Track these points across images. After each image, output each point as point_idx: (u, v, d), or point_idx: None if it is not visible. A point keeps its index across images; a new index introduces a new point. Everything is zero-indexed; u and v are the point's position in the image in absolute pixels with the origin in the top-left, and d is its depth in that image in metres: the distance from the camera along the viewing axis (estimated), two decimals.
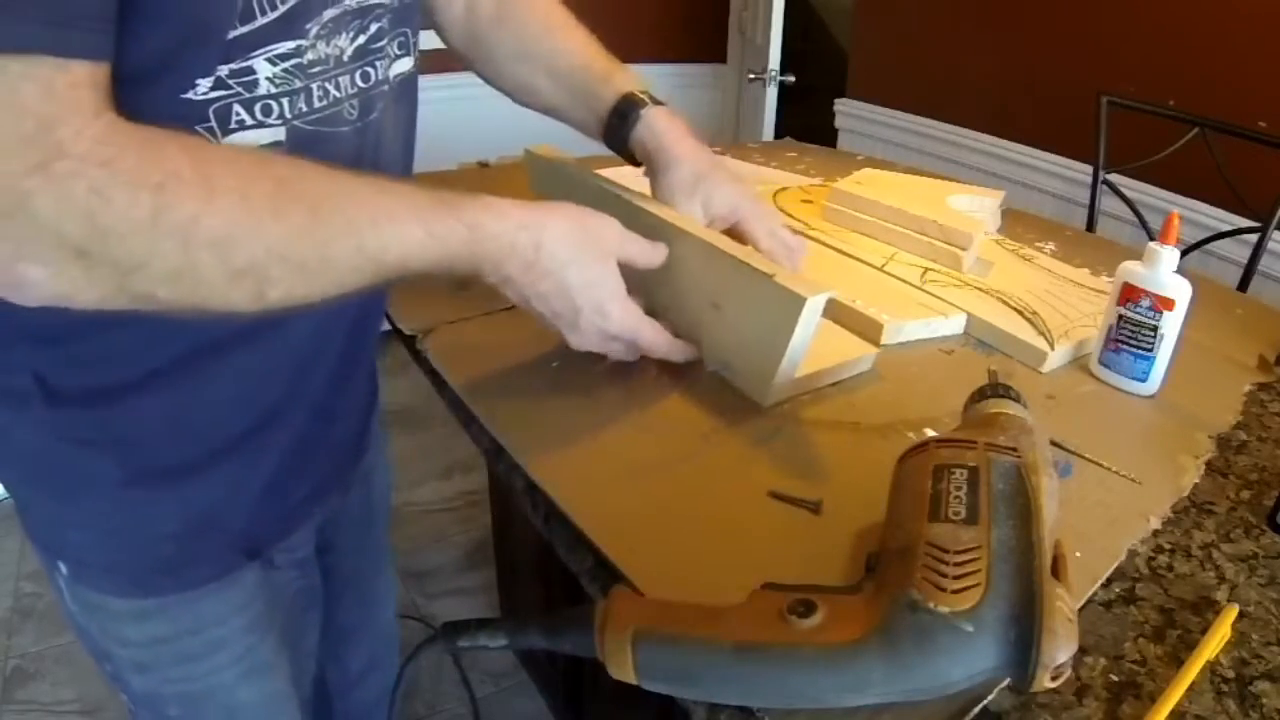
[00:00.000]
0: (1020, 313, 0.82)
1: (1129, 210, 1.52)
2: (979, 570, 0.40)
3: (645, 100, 0.74)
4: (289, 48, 0.51)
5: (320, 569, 0.82)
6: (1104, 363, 0.74)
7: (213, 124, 0.48)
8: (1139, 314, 0.70)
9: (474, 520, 2.05)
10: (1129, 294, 0.70)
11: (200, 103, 0.48)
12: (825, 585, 0.44)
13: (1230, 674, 0.45)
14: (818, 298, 0.59)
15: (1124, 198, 1.53)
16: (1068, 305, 0.84)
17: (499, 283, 0.58)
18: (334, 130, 0.55)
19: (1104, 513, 0.57)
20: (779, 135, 2.40)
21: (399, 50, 0.63)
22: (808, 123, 2.34)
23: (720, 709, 0.42)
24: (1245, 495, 0.61)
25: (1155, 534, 0.56)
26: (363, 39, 0.57)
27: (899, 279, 0.89)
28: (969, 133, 2.15)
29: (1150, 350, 0.70)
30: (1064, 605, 0.39)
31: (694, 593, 0.46)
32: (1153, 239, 0.70)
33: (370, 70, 0.59)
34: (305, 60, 0.52)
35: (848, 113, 2.52)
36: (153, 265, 0.42)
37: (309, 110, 0.54)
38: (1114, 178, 1.56)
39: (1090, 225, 1.59)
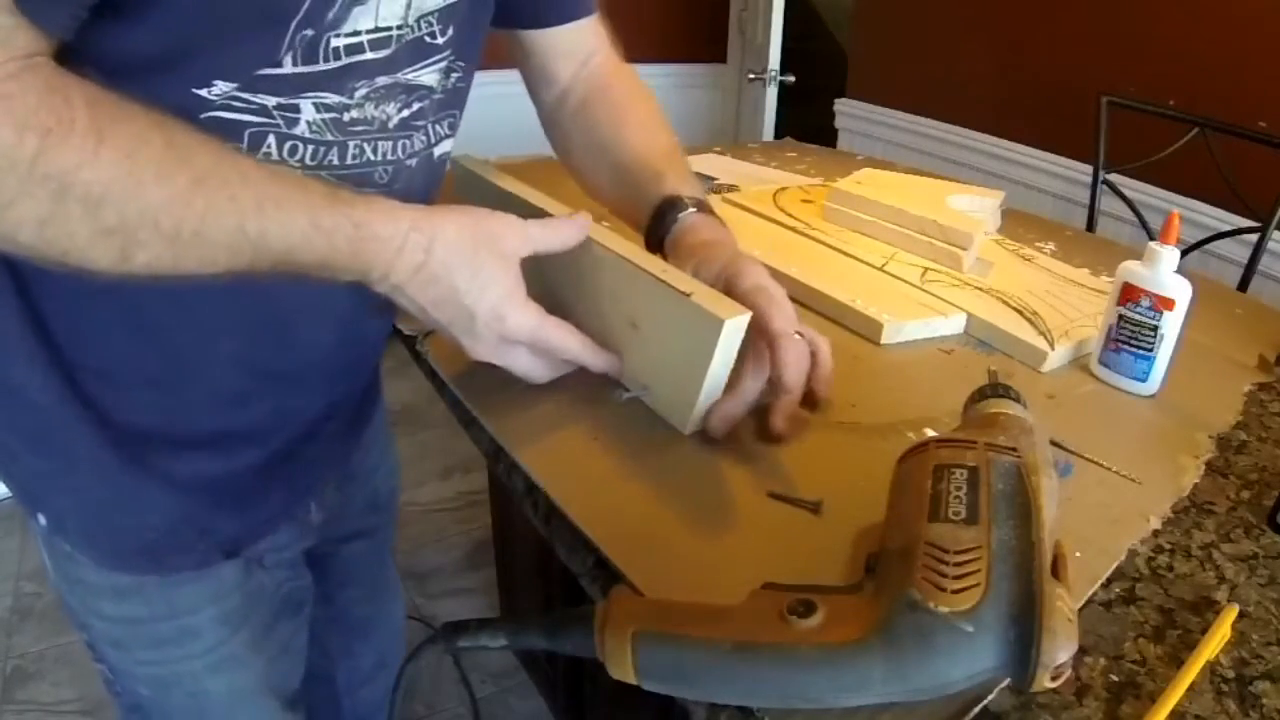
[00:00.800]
0: (1020, 313, 0.82)
1: (1129, 210, 1.52)
2: (979, 570, 0.40)
3: (685, 204, 0.70)
4: (333, 101, 0.52)
5: (325, 565, 0.82)
6: (1104, 363, 0.74)
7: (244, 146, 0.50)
8: (1139, 314, 0.70)
9: (474, 520, 2.05)
10: (1129, 294, 0.70)
11: (217, 105, 0.48)
12: (825, 585, 0.44)
13: (1230, 674, 0.45)
14: (737, 319, 0.56)
15: (1124, 198, 1.53)
16: (1068, 305, 0.84)
17: (389, 292, 0.54)
18: (360, 190, 0.54)
19: (1104, 513, 0.57)
20: (779, 135, 2.40)
21: (447, 130, 0.64)
22: (808, 123, 2.34)
23: (720, 709, 0.42)
24: (1245, 495, 0.61)
25: (1155, 534, 0.56)
26: (407, 113, 0.58)
27: (899, 279, 0.88)
28: (969, 133, 2.15)
29: (1150, 350, 0.70)
30: (1064, 605, 0.39)
31: (694, 593, 0.46)
32: (1153, 239, 0.70)
33: (407, 142, 0.59)
34: (346, 118, 0.54)
35: (847, 113, 2.52)
36: (20, 206, 0.41)
37: (339, 165, 0.55)
38: (1114, 178, 1.56)
39: (1090, 225, 1.59)
